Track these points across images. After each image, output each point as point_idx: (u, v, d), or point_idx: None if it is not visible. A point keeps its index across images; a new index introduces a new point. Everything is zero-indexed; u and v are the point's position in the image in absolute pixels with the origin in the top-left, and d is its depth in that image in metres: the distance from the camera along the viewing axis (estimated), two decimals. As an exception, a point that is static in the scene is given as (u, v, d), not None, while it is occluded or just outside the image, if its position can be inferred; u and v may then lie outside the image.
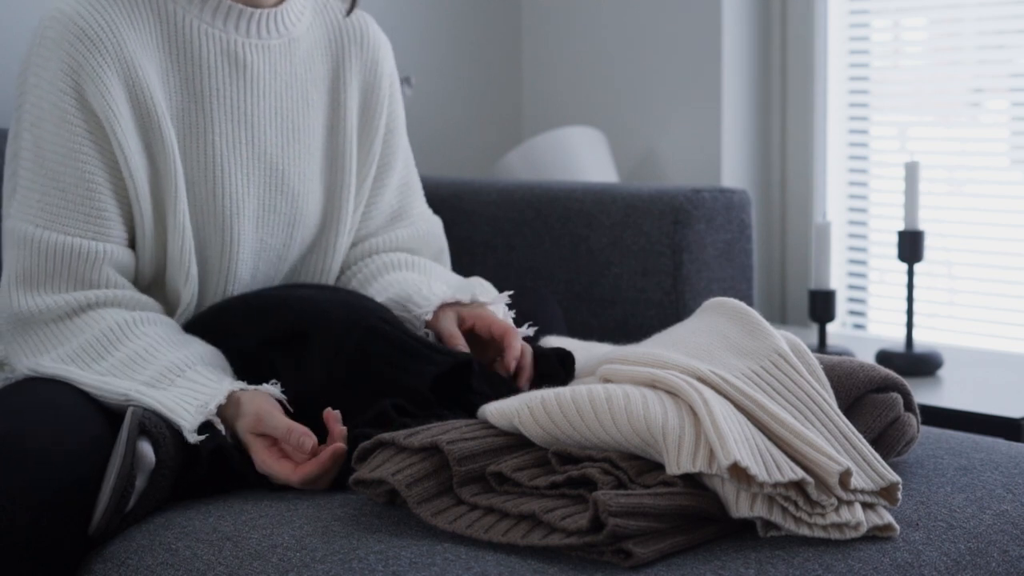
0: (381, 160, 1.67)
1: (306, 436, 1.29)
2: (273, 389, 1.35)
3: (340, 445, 1.29)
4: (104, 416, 1.35)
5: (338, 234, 1.63)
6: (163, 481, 1.29)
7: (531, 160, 2.48)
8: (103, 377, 1.37)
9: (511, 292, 1.53)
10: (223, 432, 1.33)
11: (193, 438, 1.30)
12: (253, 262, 1.56)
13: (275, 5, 1.54)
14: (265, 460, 1.31)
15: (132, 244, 1.48)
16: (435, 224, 1.73)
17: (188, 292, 1.50)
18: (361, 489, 1.22)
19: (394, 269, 1.65)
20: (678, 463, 1.15)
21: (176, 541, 1.24)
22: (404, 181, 1.71)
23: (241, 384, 1.36)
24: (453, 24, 2.66)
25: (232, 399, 1.34)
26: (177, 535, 1.24)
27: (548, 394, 1.23)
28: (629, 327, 1.99)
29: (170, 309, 1.52)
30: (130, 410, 1.29)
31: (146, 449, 1.28)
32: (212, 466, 1.32)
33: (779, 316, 2.67)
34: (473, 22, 2.70)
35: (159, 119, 1.46)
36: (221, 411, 1.33)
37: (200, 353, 1.40)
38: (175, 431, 1.31)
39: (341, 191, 1.62)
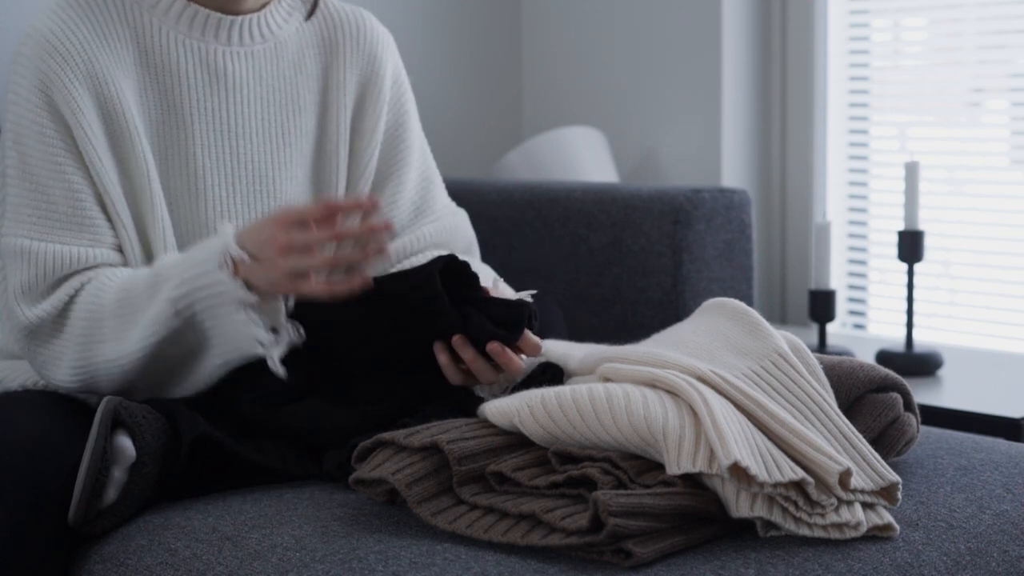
0: (395, 156, 1.65)
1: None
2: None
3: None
4: (83, 414, 1.37)
5: None
6: (144, 469, 1.29)
7: (531, 160, 2.47)
8: (123, 341, 1.37)
9: (534, 292, 1.51)
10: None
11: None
12: None
13: (256, 10, 1.53)
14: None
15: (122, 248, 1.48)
16: (461, 217, 1.70)
17: None
18: (361, 489, 1.22)
19: None
20: (678, 463, 1.15)
21: (176, 541, 1.24)
22: (423, 175, 1.68)
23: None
24: (453, 24, 2.66)
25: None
26: (177, 535, 1.24)
27: (548, 393, 1.23)
28: (629, 327, 1.99)
29: None
30: (105, 399, 1.30)
31: (125, 443, 1.28)
32: (197, 457, 1.33)
33: (779, 316, 2.67)
34: (473, 22, 2.70)
35: (131, 134, 1.45)
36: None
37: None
38: (151, 419, 1.32)
39: (329, 192, 1.60)
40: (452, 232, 1.68)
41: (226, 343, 1.35)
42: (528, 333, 1.36)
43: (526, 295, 1.45)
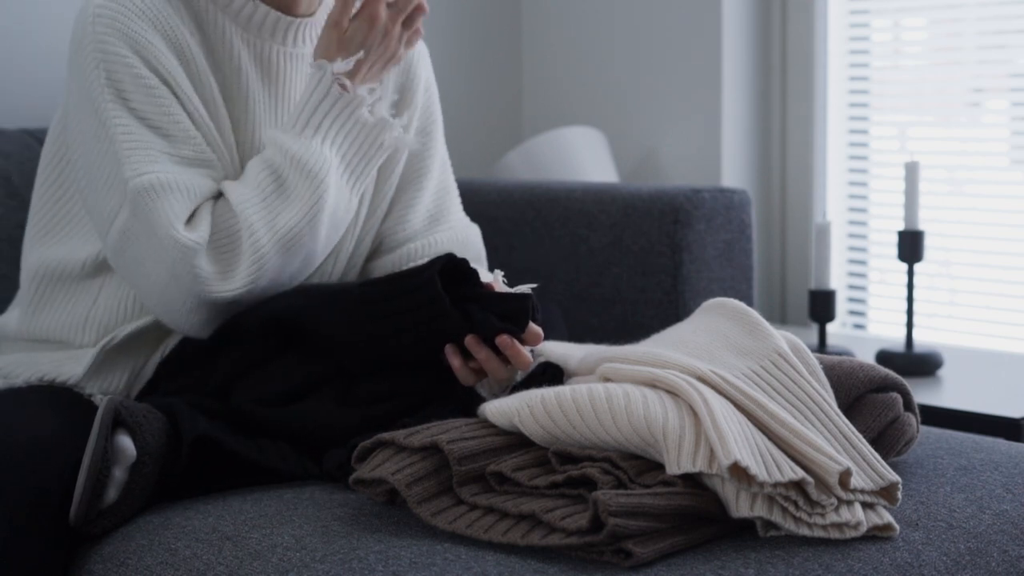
0: (418, 163, 1.68)
1: None
2: None
3: None
4: (84, 413, 1.37)
5: (347, 236, 1.63)
6: (144, 468, 1.29)
7: (531, 160, 2.47)
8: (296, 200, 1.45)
9: (534, 285, 1.52)
10: None
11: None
12: None
13: (308, 16, 1.56)
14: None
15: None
16: (474, 230, 1.74)
17: None
18: (361, 489, 1.22)
19: None
20: (678, 463, 1.15)
21: (176, 541, 1.24)
22: (441, 185, 1.71)
23: None
24: (453, 24, 2.66)
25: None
26: (177, 535, 1.25)
27: (548, 393, 1.23)
28: (629, 327, 1.99)
29: None
30: (105, 399, 1.30)
31: (125, 443, 1.29)
32: (197, 457, 1.33)
33: (779, 316, 2.67)
34: (473, 22, 2.70)
35: (214, 98, 1.49)
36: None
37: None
38: (151, 419, 1.32)
39: None
40: (464, 243, 1.70)
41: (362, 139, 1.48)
42: (530, 323, 1.37)
43: (526, 288, 1.45)
